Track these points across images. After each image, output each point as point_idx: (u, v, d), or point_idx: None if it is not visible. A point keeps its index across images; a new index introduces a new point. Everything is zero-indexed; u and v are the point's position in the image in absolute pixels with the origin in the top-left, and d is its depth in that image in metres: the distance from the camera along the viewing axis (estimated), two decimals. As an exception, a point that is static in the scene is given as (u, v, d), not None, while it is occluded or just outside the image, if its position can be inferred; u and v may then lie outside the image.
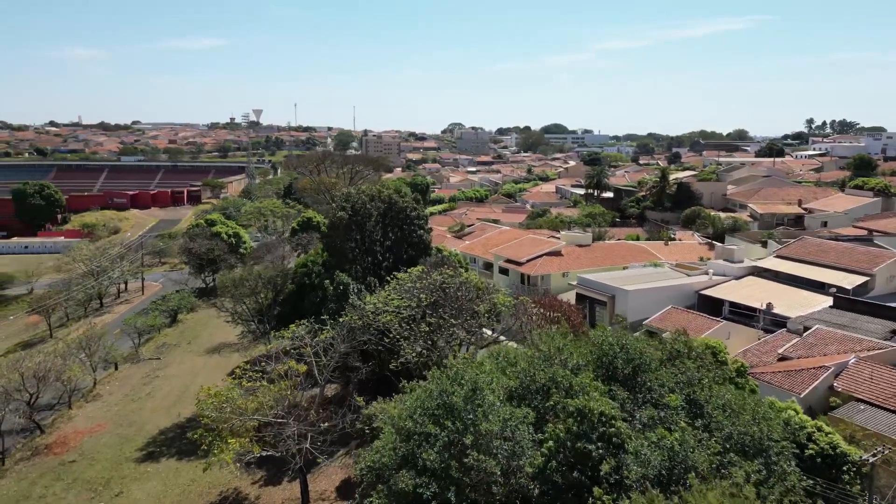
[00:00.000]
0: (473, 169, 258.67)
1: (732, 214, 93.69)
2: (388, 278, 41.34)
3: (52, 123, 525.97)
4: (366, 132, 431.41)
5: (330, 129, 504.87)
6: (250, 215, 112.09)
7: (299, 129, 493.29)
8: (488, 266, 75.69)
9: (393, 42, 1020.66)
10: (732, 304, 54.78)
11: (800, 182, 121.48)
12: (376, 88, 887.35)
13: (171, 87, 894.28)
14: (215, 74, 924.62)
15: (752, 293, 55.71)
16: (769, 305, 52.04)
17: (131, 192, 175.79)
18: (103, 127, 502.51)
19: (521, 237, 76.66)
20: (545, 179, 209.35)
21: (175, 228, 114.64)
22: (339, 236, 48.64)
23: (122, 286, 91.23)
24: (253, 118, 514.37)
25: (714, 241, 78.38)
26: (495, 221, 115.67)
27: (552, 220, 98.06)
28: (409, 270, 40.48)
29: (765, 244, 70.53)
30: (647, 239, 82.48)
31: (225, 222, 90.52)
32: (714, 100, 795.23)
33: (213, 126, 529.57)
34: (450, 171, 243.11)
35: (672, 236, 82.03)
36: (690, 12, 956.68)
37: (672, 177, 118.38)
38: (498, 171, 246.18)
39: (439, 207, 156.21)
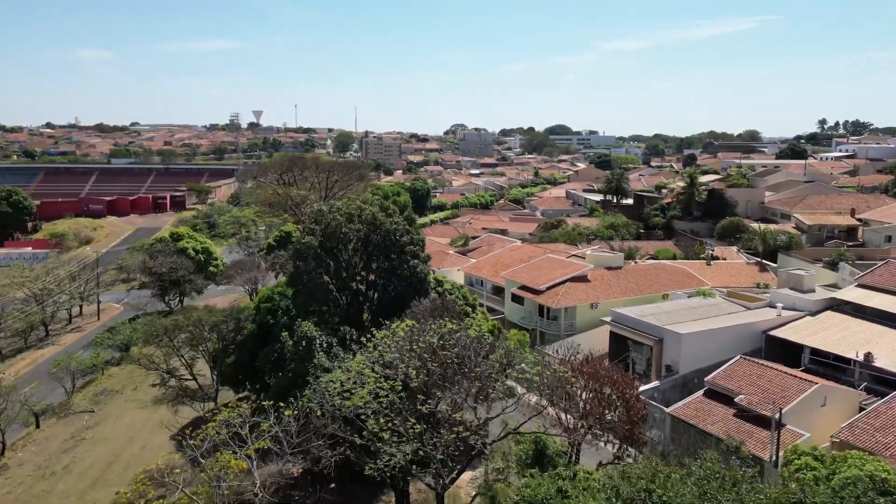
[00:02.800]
0: (477, 171, 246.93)
1: (776, 226, 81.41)
2: (366, 336, 29.30)
3: (48, 125, 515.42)
4: (367, 133, 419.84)
5: (331, 130, 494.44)
6: (229, 225, 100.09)
7: (299, 130, 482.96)
8: (498, 290, 63.85)
9: (396, 43, 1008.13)
10: (815, 351, 42.82)
11: (842, 188, 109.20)
12: (379, 89, 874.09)
13: (175, 89, 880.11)
14: (219, 76, 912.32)
15: (839, 336, 43.71)
16: (868, 356, 40.10)
17: (108, 198, 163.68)
18: (100, 128, 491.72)
19: (536, 255, 64.67)
20: (553, 183, 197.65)
21: (150, 239, 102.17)
22: (306, 269, 36.70)
23: (77, 310, 79.36)
24: (252, 119, 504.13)
25: (764, 261, 66.34)
26: (503, 232, 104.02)
27: (569, 232, 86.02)
28: (393, 327, 28.45)
29: (834, 266, 58.43)
30: (686, 257, 70.37)
31: (193, 236, 78.59)
32: (720, 100, 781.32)
33: (213, 127, 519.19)
34: (452, 174, 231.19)
35: (712, 253, 69.90)
36: (696, 13, 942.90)
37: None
38: (503, 174, 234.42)
39: (441, 215, 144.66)
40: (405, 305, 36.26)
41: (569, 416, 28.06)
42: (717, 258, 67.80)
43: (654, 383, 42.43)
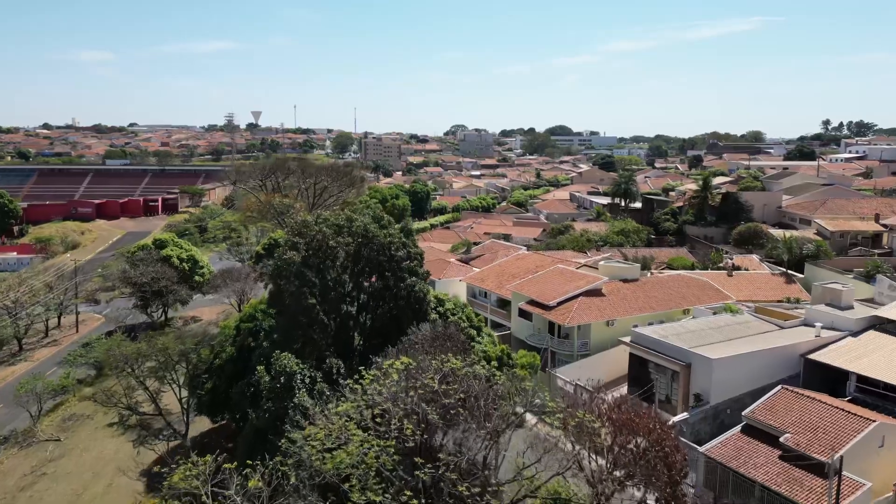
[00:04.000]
0: (478, 173, 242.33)
1: (797, 233, 76.68)
2: (353, 378, 24.59)
3: (45, 126, 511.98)
4: (366, 134, 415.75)
5: (330, 131, 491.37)
6: (219, 230, 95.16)
7: (298, 130, 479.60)
8: (503, 303, 59.20)
9: (396, 43, 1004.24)
10: (862, 378, 38.15)
11: (859, 190, 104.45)
12: (378, 90, 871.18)
13: (174, 90, 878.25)
14: (219, 77, 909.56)
15: (888, 360, 38.96)
16: (925, 386, 35.48)
17: (97, 201, 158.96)
18: (97, 129, 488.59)
19: (544, 266, 59.99)
20: (556, 185, 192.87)
21: (132, 246, 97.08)
22: (287, 288, 32.02)
23: (55, 321, 74.65)
24: (251, 120, 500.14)
25: (790, 272, 61.61)
26: (506, 237, 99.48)
27: (577, 238, 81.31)
28: (385, 366, 23.69)
29: (870, 278, 53.75)
30: (704, 267, 65.69)
31: (179, 243, 73.85)
32: (721, 101, 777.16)
33: (211, 128, 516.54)
34: (453, 176, 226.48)
35: (733, 263, 65.19)
36: (696, 14, 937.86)
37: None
38: (504, 176, 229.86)
39: (441, 219, 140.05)
40: (401, 330, 31.65)
41: (594, 464, 23.45)
42: (738, 268, 63.10)
43: (683, 415, 37.72)
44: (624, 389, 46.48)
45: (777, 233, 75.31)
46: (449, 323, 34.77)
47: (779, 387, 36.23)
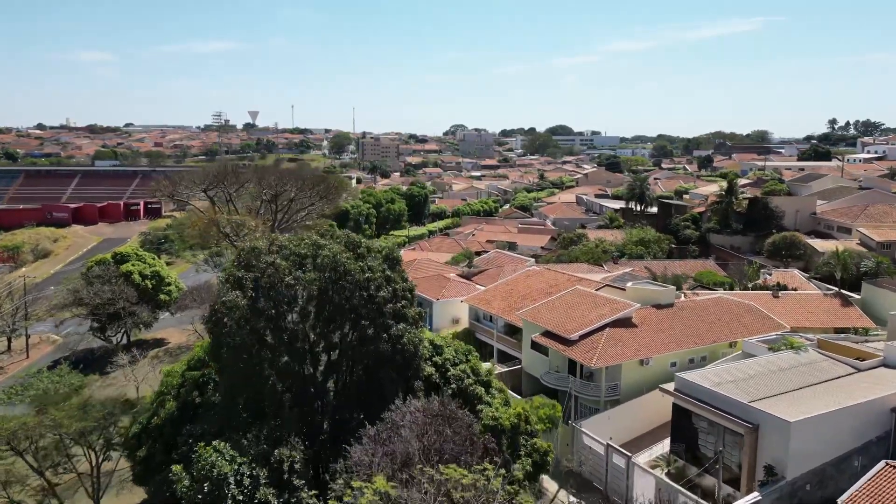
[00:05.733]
0: (478, 174, 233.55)
1: (841, 243, 68.06)
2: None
3: (39, 126, 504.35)
4: (364, 134, 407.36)
5: (328, 131, 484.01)
6: (194, 238, 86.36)
7: (295, 130, 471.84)
8: (513, 330, 50.63)
9: (395, 43, 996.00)
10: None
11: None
12: (377, 90, 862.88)
13: (174, 90, 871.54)
14: (218, 77, 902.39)
15: None
16: None
17: (74, 206, 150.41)
18: (91, 129, 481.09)
19: (559, 285, 51.47)
20: (561, 187, 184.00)
21: (89, 261, 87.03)
22: (229, 341, 23.47)
23: (5, 344, 66.12)
24: (248, 119, 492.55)
25: (844, 292, 53.07)
26: (511, 245, 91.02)
27: (591, 249, 72.56)
28: (353, 492, 15.11)
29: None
30: (743, 287, 57.06)
31: (142, 256, 65.16)
32: (724, 101, 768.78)
33: (207, 128, 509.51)
34: (452, 177, 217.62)
35: (777, 281, 56.62)
36: (696, 13, 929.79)
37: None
38: (506, 177, 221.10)
39: (440, 224, 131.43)
40: (383, 401, 23.08)
41: None
42: (783, 287, 54.56)
43: (753, 496, 29.10)
44: (666, 445, 38.20)
45: (820, 244, 66.90)
46: (449, 380, 26.25)
47: (882, 463, 27.67)
